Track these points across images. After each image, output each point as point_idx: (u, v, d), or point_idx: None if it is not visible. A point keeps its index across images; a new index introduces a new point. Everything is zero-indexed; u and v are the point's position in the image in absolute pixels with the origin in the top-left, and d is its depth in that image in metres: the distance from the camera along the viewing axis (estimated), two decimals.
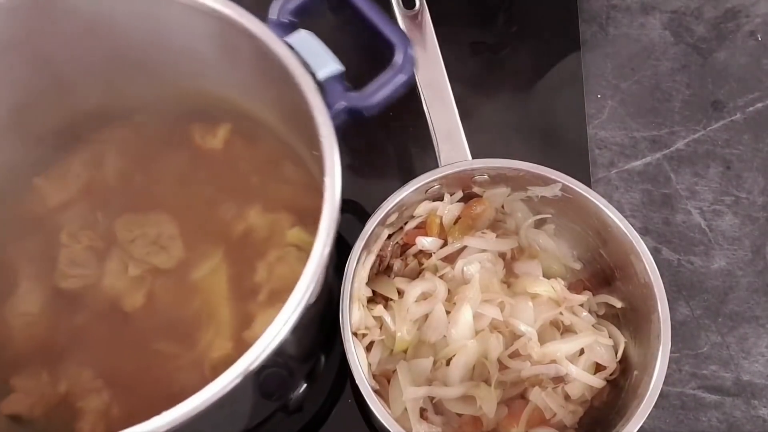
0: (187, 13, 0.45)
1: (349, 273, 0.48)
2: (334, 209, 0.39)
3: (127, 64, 0.51)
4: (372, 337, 0.51)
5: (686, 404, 0.59)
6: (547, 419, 0.50)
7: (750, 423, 0.59)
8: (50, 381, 0.49)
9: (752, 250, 0.64)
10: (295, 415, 0.57)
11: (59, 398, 0.49)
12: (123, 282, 0.52)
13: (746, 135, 0.68)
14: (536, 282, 0.53)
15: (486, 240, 0.54)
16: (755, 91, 0.70)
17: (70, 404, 0.49)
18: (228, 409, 0.45)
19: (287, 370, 0.53)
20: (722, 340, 0.61)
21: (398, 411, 0.49)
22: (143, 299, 0.51)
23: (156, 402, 0.35)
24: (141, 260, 0.52)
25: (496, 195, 0.55)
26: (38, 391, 0.49)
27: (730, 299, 0.62)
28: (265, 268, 0.50)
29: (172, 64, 0.51)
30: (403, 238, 0.55)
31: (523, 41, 0.71)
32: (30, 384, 0.49)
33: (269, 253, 0.51)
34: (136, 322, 0.51)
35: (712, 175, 0.67)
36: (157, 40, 0.49)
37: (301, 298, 0.38)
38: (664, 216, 0.65)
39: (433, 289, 0.52)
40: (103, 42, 0.49)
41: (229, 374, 0.36)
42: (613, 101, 0.70)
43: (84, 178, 0.54)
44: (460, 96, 0.55)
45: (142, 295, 0.51)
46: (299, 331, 0.39)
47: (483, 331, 0.51)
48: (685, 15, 0.74)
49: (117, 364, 0.50)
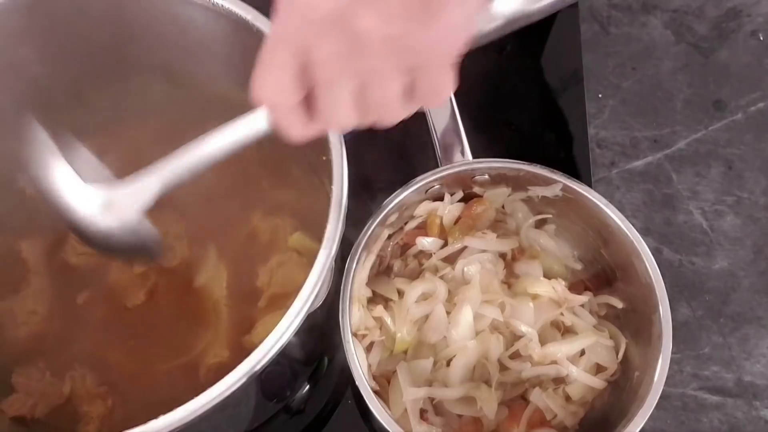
0: (201, 14, 0.45)
1: (349, 273, 0.48)
2: (340, 217, 0.39)
3: (138, 64, 0.51)
4: (372, 337, 0.51)
5: (687, 405, 0.59)
6: (547, 420, 0.50)
7: (751, 424, 0.59)
8: (53, 382, 0.49)
9: (754, 251, 0.64)
10: (297, 417, 0.57)
11: (63, 400, 0.49)
12: (127, 277, 0.52)
13: (748, 135, 0.68)
14: (537, 282, 0.53)
15: (486, 240, 0.54)
16: (757, 91, 0.70)
17: (74, 407, 0.49)
18: (231, 411, 0.45)
19: (291, 372, 0.53)
20: (724, 340, 0.61)
21: (398, 412, 0.49)
22: (144, 297, 0.51)
23: (154, 405, 0.35)
24: None
25: (496, 195, 0.55)
26: (40, 391, 0.49)
27: (732, 300, 0.62)
28: (266, 273, 0.50)
29: (184, 65, 0.51)
30: (403, 238, 0.55)
31: (523, 40, 0.71)
32: (32, 384, 0.49)
33: (271, 258, 0.51)
34: (137, 319, 0.51)
35: (713, 175, 0.67)
36: (169, 40, 0.49)
37: (305, 302, 0.38)
38: (666, 216, 0.65)
39: (434, 289, 0.52)
40: (114, 41, 0.49)
41: (233, 376, 0.36)
42: (614, 101, 0.70)
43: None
44: (461, 96, 0.54)
45: (144, 293, 0.51)
46: (303, 334, 0.39)
47: (483, 332, 0.51)
48: (686, 14, 0.74)
49: (117, 364, 0.51)
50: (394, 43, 0.28)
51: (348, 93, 0.31)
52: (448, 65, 0.31)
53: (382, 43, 0.28)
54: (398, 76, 0.30)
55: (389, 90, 0.30)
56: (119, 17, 0.48)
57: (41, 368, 0.50)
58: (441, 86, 0.32)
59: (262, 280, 0.50)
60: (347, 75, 0.30)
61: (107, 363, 0.50)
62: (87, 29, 0.48)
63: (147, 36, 0.49)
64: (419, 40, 0.29)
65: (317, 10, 0.29)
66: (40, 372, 0.50)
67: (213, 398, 0.35)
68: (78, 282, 0.52)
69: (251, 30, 0.43)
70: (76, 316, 0.51)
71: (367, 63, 0.29)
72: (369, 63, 0.29)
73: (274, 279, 0.50)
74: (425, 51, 0.29)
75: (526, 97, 0.69)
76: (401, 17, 0.28)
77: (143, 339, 0.51)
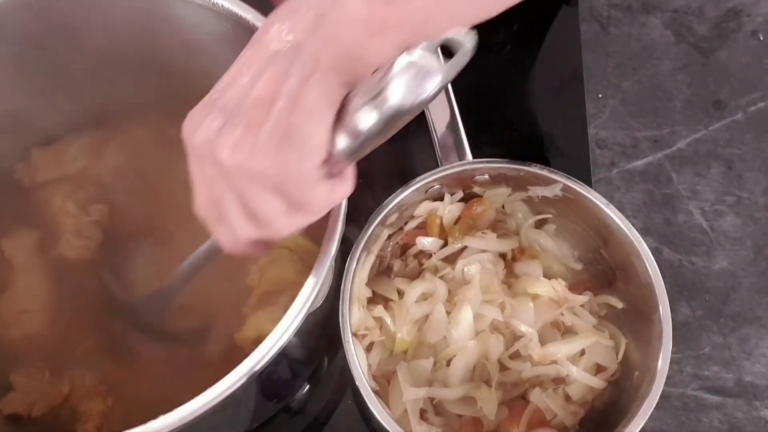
0: (201, 14, 0.45)
1: (349, 273, 0.48)
2: (340, 217, 0.39)
3: (139, 63, 0.51)
4: (372, 337, 0.51)
5: (687, 405, 0.59)
6: (547, 420, 0.50)
7: (752, 424, 0.59)
8: (53, 381, 0.49)
9: (754, 251, 0.64)
10: (297, 417, 0.57)
11: (62, 399, 0.49)
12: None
13: (748, 135, 0.68)
14: (537, 282, 0.52)
15: (486, 240, 0.54)
16: (757, 91, 0.70)
17: (73, 406, 0.49)
18: (231, 411, 0.45)
19: (291, 372, 0.53)
20: (724, 340, 0.61)
21: (398, 412, 0.49)
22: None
23: (153, 404, 0.35)
24: None
25: (496, 195, 0.55)
26: (39, 390, 0.49)
27: (732, 300, 0.62)
28: (257, 270, 0.50)
29: (184, 64, 0.51)
30: (403, 238, 0.55)
31: (523, 40, 0.71)
32: (30, 382, 0.49)
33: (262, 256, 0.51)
34: (133, 314, 0.51)
35: (713, 175, 0.67)
36: (170, 40, 0.49)
37: (305, 302, 0.38)
38: (666, 216, 0.65)
39: (434, 289, 0.52)
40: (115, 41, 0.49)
41: (233, 376, 0.36)
42: (614, 101, 0.70)
43: (82, 164, 0.55)
44: (460, 96, 0.54)
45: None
46: (303, 334, 0.39)
47: (483, 332, 0.51)
48: (686, 14, 0.74)
49: (117, 362, 0.50)
50: (248, 171, 0.31)
51: (235, 209, 0.34)
52: (314, 182, 0.32)
53: (238, 170, 0.32)
54: (268, 195, 0.32)
55: (266, 206, 0.33)
56: (119, 17, 0.48)
57: (40, 367, 0.50)
58: (318, 200, 0.33)
59: (252, 277, 0.50)
60: (228, 194, 0.33)
61: (107, 361, 0.50)
62: (87, 29, 0.48)
63: (147, 35, 0.49)
64: (273, 168, 0.31)
65: (192, 139, 0.33)
66: (40, 371, 0.50)
67: (213, 398, 0.35)
68: (77, 278, 0.52)
69: (251, 30, 0.43)
70: (76, 314, 0.51)
71: (236, 185, 0.32)
72: (237, 185, 0.32)
73: (264, 277, 0.50)
74: (281, 177, 0.31)
75: (526, 97, 0.69)
76: (251, 149, 0.31)
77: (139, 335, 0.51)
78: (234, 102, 0.32)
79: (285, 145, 0.31)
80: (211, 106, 0.33)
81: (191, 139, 0.33)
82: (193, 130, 0.33)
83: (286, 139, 0.31)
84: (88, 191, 0.54)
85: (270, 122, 0.31)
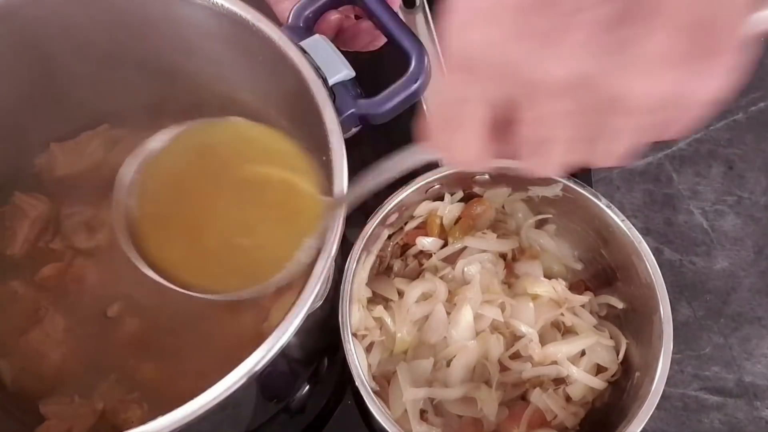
0: (201, 14, 0.45)
1: (349, 274, 0.48)
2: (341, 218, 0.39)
3: (141, 64, 0.51)
4: (372, 337, 0.51)
5: (688, 405, 0.59)
6: (548, 421, 0.50)
7: (752, 424, 0.59)
8: (83, 402, 0.49)
9: (755, 251, 0.64)
10: (297, 417, 0.57)
11: (97, 417, 0.49)
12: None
13: (748, 135, 0.68)
14: (537, 282, 0.52)
15: (486, 240, 0.54)
16: (757, 91, 0.70)
17: (110, 421, 0.49)
18: (231, 411, 0.45)
19: (291, 372, 0.53)
20: (724, 341, 0.61)
21: (398, 412, 0.49)
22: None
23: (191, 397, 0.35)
24: None
25: (496, 195, 0.55)
26: (72, 414, 0.48)
27: (733, 300, 0.62)
28: None
29: (184, 64, 0.51)
30: (403, 238, 0.55)
31: None
32: (62, 409, 0.48)
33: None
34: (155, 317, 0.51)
35: (714, 174, 0.67)
36: (172, 41, 0.49)
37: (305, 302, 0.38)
38: (666, 216, 0.65)
39: (434, 289, 0.52)
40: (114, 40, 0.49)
41: (233, 376, 0.36)
42: None
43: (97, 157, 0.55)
44: None
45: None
46: (303, 334, 0.39)
47: (483, 332, 0.51)
48: None
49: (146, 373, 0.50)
50: (665, 103, 0.24)
51: (563, 148, 0.27)
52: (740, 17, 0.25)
53: (646, 107, 0.24)
54: (645, 132, 0.26)
55: (620, 145, 0.26)
56: (119, 17, 0.48)
57: (68, 392, 0.49)
58: (685, 126, 0.26)
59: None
60: (575, 132, 0.26)
61: (135, 375, 0.50)
62: (88, 28, 0.48)
63: (147, 35, 0.49)
64: (693, 94, 0.24)
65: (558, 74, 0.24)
66: (68, 396, 0.49)
67: (213, 398, 0.35)
68: (93, 297, 0.51)
69: (251, 30, 0.43)
70: (97, 332, 0.51)
71: (611, 122, 0.25)
72: (613, 122, 0.25)
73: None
74: (695, 105, 0.25)
75: None
76: (676, 67, 0.24)
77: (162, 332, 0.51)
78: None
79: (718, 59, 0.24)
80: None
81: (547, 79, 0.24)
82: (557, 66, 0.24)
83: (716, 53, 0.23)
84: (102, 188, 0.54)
85: None
